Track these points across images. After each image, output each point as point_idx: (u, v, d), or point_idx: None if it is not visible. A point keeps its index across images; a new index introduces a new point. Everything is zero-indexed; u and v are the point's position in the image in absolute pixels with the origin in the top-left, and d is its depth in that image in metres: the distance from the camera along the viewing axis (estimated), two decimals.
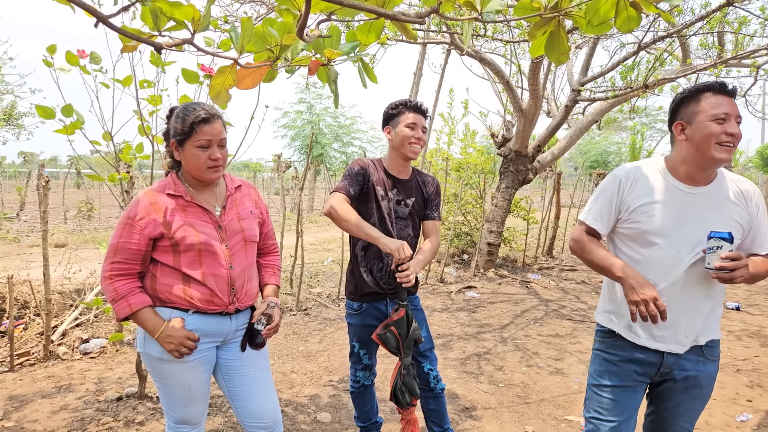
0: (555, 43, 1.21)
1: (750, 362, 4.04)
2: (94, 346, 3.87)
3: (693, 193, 1.63)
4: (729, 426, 2.97)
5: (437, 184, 2.37)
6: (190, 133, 1.64)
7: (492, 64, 6.71)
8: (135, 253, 1.65)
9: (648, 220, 1.63)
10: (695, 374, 1.67)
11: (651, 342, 1.66)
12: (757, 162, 22.89)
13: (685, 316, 1.63)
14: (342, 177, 2.19)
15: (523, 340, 4.52)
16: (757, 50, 5.99)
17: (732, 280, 1.51)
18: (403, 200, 2.24)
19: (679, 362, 1.67)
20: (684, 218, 1.61)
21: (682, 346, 1.64)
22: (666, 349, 1.64)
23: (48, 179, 3.51)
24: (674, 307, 1.61)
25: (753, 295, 6.50)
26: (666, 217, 1.62)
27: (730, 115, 1.53)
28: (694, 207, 1.61)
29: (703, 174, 1.63)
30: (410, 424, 2.21)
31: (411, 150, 2.18)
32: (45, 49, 2.25)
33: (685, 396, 1.70)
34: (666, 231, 1.61)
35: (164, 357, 1.67)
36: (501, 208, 7.42)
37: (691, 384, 1.68)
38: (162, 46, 1.12)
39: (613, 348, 1.74)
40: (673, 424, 1.74)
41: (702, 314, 1.65)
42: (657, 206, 1.63)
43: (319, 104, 18.35)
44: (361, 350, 2.28)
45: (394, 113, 2.21)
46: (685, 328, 1.63)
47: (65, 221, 12.60)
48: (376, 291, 2.21)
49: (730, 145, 1.54)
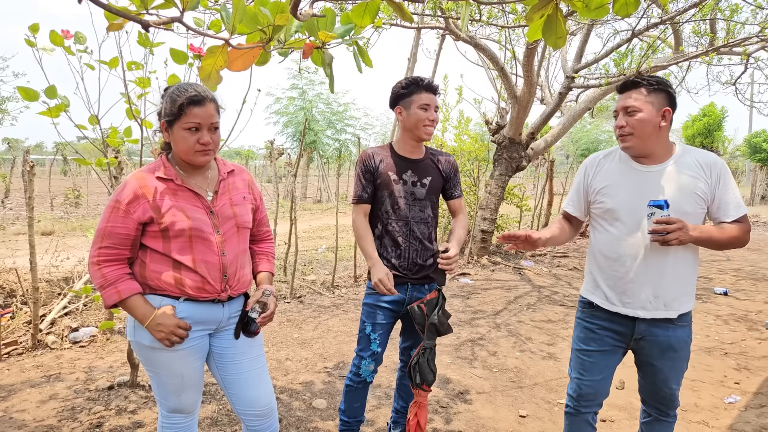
0: (552, 27, 1.19)
1: (737, 346, 4.11)
2: (84, 334, 3.82)
3: (648, 171, 1.81)
4: (717, 408, 3.02)
5: (453, 161, 2.33)
6: (179, 114, 1.58)
7: (487, 50, 6.64)
8: (123, 238, 1.60)
9: (609, 199, 1.85)
10: (666, 339, 1.84)
11: (621, 308, 1.85)
12: (745, 150, 23.13)
13: (648, 284, 1.80)
14: (354, 181, 2.25)
15: (516, 326, 4.55)
16: (748, 38, 6.00)
17: (667, 242, 1.68)
18: (419, 180, 2.20)
19: (650, 329, 1.84)
20: (640, 194, 1.78)
21: (648, 312, 1.81)
22: (633, 314, 1.83)
23: (33, 165, 3.43)
24: (638, 276, 1.80)
25: (740, 280, 6.60)
26: (624, 195, 1.82)
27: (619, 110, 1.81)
28: (649, 183, 1.79)
29: (650, 156, 1.82)
30: (416, 405, 2.20)
31: (425, 132, 2.15)
32: (27, 29, 2.17)
33: (664, 360, 1.87)
34: (625, 207, 1.81)
35: (155, 345, 1.63)
36: (495, 195, 7.42)
37: (666, 348, 1.85)
38: (150, 24, 1.07)
39: (592, 317, 1.96)
40: (662, 387, 1.92)
41: (665, 282, 1.79)
42: (616, 186, 1.85)
43: (311, 90, 18.11)
44: (373, 333, 2.20)
45: (406, 93, 2.15)
46: (650, 296, 1.80)
47: (52, 208, 12.42)
48: (397, 275, 2.19)
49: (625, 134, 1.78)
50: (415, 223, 2.19)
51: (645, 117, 1.74)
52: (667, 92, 1.76)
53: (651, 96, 1.75)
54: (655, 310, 1.80)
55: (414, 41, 7.17)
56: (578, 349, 1.99)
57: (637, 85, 1.76)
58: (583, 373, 1.96)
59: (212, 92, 1.65)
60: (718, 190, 1.77)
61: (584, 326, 1.98)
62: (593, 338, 1.94)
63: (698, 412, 2.96)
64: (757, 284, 6.38)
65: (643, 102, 1.74)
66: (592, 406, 1.99)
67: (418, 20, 6.35)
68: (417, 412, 2.17)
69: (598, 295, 1.93)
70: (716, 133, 20.81)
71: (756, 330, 4.51)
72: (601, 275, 1.90)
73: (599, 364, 1.93)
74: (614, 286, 1.86)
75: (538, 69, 6.86)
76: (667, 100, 1.77)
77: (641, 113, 1.74)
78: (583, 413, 2.00)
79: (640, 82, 1.76)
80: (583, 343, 1.97)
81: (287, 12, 1.11)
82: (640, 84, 1.76)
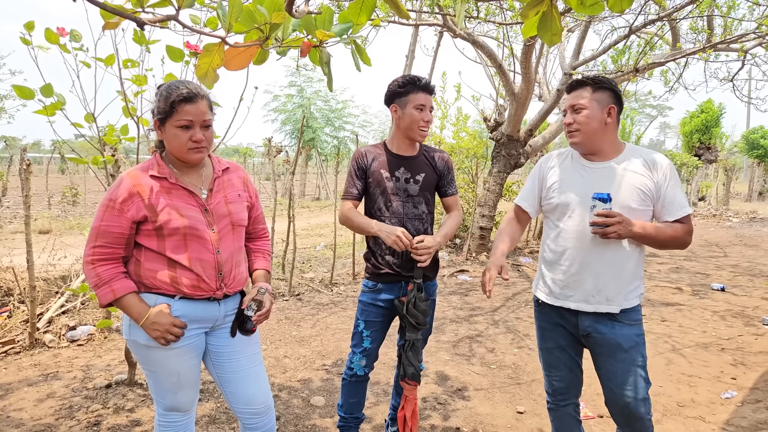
0: (547, 24, 1.19)
1: (734, 341, 4.12)
2: (82, 333, 3.82)
3: (595, 168, 1.88)
4: (714, 403, 3.04)
5: (447, 158, 2.33)
6: (171, 112, 1.58)
7: (484, 46, 6.63)
8: (118, 236, 1.60)
9: (558, 194, 1.92)
10: (613, 337, 1.83)
11: (564, 302, 1.91)
12: (743, 146, 23.18)
13: (591, 277, 1.84)
14: (346, 178, 2.27)
15: (515, 323, 4.56)
16: (745, 34, 6.01)
17: (606, 234, 1.74)
18: (412, 177, 2.21)
19: (594, 325, 1.86)
20: (587, 190, 1.84)
21: (591, 305, 1.85)
22: (576, 306, 1.87)
23: (30, 163, 3.42)
24: (581, 268, 1.85)
25: (737, 276, 6.63)
26: (572, 190, 1.89)
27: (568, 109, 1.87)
28: (595, 179, 1.86)
29: (598, 152, 1.88)
30: (403, 398, 2.21)
31: (420, 134, 2.16)
32: (22, 26, 2.16)
33: (614, 361, 1.84)
34: (573, 202, 1.87)
35: (151, 344, 1.63)
36: (493, 192, 7.42)
37: (614, 347, 1.83)
38: (145, 22, 1.07)
39: (542, 315, 2.03)
40: (618, 393, 1.83)
41: (606, 276, 1.83)
42: (565, 182, 1.92)
43: (310, 88, 18.06)
44: (365, 330, 2.23)
45: (402, 91, 2.15)
46: (591, 288, 1.84)
47: (49, 207, 12.38)
48: (391, 272, 2.19)
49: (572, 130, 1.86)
50: (409, 219, 2.19)
51: (590, 114, 1.82)
52: (612, 90, 1.85)
53: (596, 94, 1.83)
54: (598, 304, 1.84)
55: (412, 38, 7.16)
56: (540, 348, 2.07)
57: (583, 85, 1.85)
58: (550, 370, 2.03)
59: (205, 89, 1.64)
60: (663, 189, 1.82)
61: (539, 325, 2.06)
62: (548, 336, 2.01)
63: (695, 408, 2.97)
64: (754, 280, 6.41)
65: (588, 100, 1.83)
66: (569, 398, 2.03)
67: (416, 17, 6.34)
68: (404, 405, 2.18)
69: (542, 290, 1.99)
70: (714, 129, 20.85)
71: (753, 326, 4.53)
72: (548, 269, 1.97)
73: (561, 359, 1.99)
74: (558, 280, 1.92)
75: (536, 66, 6.85)
76: (613, 98, 1.84)
77: (587, 110, 1.82)
78: (563, 406, 2.05)
79: (585, 82, 1.85)
80: (541, 341, 2.05)
81: (284, 10, 1.10)
82: (586, 83, 1.85)
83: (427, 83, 2.15)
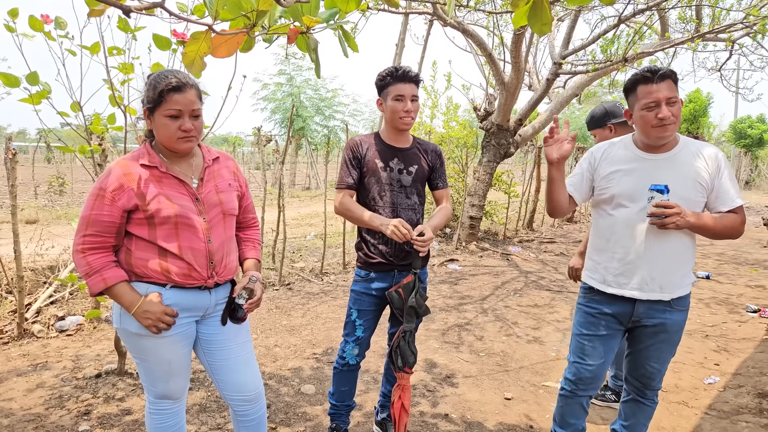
0: (537, 13, 1.19)
1: (718, 328, 4.22)
2: (71, 323, 3.80)
3: (653, 159, 1.89)
4: (697, 388, 3.12)
5: (440, 151, 2.35)
6: (159, 101, 1.57)
7: (475, 35, 6.61)
8: (108, 225, 1.59)
9: (615, 185, 1.93)
10: (663, 321, 1.92)
11: (618, 290, 1.93)
12: (730, 136, 23.44)
13: (646, 265, 1.88)
14: (340, 166, 2.25)
15: (503, 311, 4.61)
16: (733, 24, 6.04)
17: (664, 225, 1.77)
18: (405, 168, 2.22)
19: (648, 311, 1.92)
20: (644, 180, 1.86)
21: (644, 293, 1.89)
22: (631, 295, 1.91)
23: (15, 152, 3.37)
24: (637, 257, 1.89)
25: (722, 264, 6.75)
26: (630, 181, 1.90)
27: (660, 101, 1.79)
28: (653, 171, 1.87)
29: (654, 145, 1.89)
30: (399, 388, 2.24)
31: (402, 123, 2.15)
32: (6, 13, 2.11)
33: (654, 340, 1.96)
34: (630, 193, 1.89)
35: (142, 332, 1.64)
36: (483, 181, 7.46)
37: (659, 329, 1.93)
38: (131, 9, 1.05)
39: (592, 302, 2.03)
40: (645, 364, 2.01)
41: (661, 265, 1.87)
42: (622, 173, 1.92)
43: (299, 76, 17.87)
44: (358, 319, 2.25)
45: (383, 84, 2.16)
46: (647, 276, 1.88)
47: (36, 197, 12.21)
48: (384, 262, 2.21)
49: (669, 123, 1.80)
50: (402, 209, 2.21)
51: (680, 107, 1.82)
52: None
53: (677, 87, 1.83)
54: (651, 292, 1.88)
55: (402, 27, 7.11)
56: (579, 334, 2.06)
57: (665, 77, 1.80)
58: (583, 358, 2.03)
59: (194, 78, 1.63)
60: (717, 180, 1.84)
61: (585, 311, 2.05)
62: (593, 323, 2.01)
63: (678, 393, 3.05)
64: (739, 268, 6.53)
65: (676, 92, 1.82)
66: (589, 390, 2.05)
67: (406, 5, 6.29)
68: (401, 395, 2.21)
69: (596, 279, 2.01)
70: (702, 119, 21.05)
71: (736, 313, 4.63)
72: (601, 258, 1.99)
73: (599, 348, 2.00)
74: (613, 269, 1.94)
75: (525, 55, 6.84)
76: None
77: (678, 104, 1.81)
78: (579, 396, 2.07)
79: (667, 73, 1.80)
80: (584, 327, 2.03)
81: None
82: (668, 75, 1.81)
83: (406, 72, 2.13)
